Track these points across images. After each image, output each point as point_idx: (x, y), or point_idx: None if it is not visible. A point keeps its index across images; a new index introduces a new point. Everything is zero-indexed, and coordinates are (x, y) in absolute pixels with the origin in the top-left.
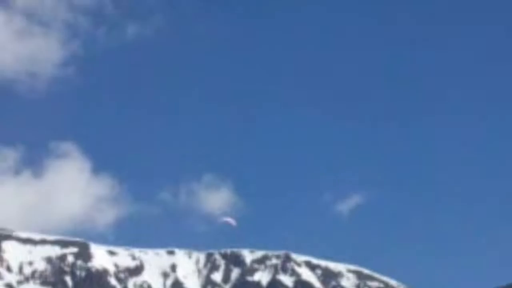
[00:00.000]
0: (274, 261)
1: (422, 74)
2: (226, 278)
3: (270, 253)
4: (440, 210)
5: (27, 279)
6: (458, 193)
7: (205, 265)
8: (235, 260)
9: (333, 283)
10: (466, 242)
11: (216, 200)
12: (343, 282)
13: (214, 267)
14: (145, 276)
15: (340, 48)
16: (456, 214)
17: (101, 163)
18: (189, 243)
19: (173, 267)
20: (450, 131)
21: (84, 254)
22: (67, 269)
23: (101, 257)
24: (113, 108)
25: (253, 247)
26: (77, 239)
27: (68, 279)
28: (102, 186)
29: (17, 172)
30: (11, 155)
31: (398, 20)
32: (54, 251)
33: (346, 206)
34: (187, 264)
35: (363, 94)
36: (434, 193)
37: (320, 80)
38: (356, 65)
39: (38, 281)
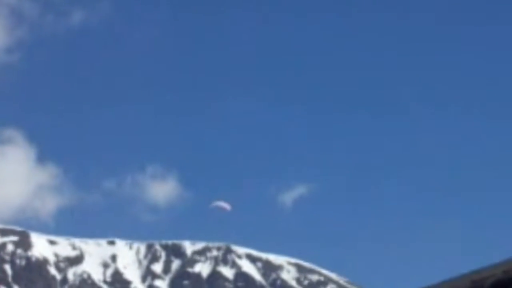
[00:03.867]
0: (214, 253)
1: (365, 66)
2: (166, 269)
3: (211, 244)
4: (383, 203)
5: None
6: (402, 186)
7: (146, 256)
8: (175, 251)
9: (274, 275)
10: (408, 237)
11: (161, 190)
12: (284, 275)
13: (154, 258)
14: (85, 266)
15: (280, 37)
16: (399, 208)
17: (46, 151)
18: (131, 234)
19: (114, 258)
20: (394, 122)
21: (24, 243)
22: (7, 257)
23: (41, 246)
24: (59, 96)
25: (194, 238)
26: (17, 227)
27: (7, 268)
28: (46, 174)
29: None
30: None
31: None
32: None
33: (289, 197)
34: (128, 255)
35: (307, 84)
36: (378, 186)
37: (264, 70)
38: (299, 54)
39: None
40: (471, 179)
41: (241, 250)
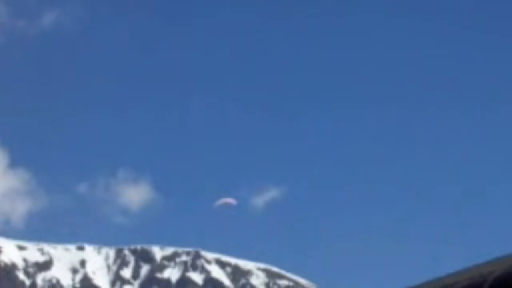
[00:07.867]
0: (184, 258)
1: (336, 69)
2: (135, 275)
3: (180, 250)
4: (355, 208)
5: None
6: (374, 191)
7: (115, 261)
8: (145, 256)
9: (243, 281)
10: (379, 242)
11: (133, 194)
12: (253, 280)
13: (123, 263)
14: (54, 271)
15: (253, 42)
16: (369, 215)
17: (18, 156)
18: (100, 238)
19: (82, 263)
20: (366, 124)
21: None
22: None
23: (10, 252)
24: (32, 100)
25: (163, 243)
26: None
27: None
28: (17, 179)
29: None
30: None
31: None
32: None
33: (261, 200)
34: (97, 260)
35: (279, 89)
36: (350, 190)
37: (236, 74)
38: (270, 57)
39: None
40: (444, 183)
41: (210, 255)
